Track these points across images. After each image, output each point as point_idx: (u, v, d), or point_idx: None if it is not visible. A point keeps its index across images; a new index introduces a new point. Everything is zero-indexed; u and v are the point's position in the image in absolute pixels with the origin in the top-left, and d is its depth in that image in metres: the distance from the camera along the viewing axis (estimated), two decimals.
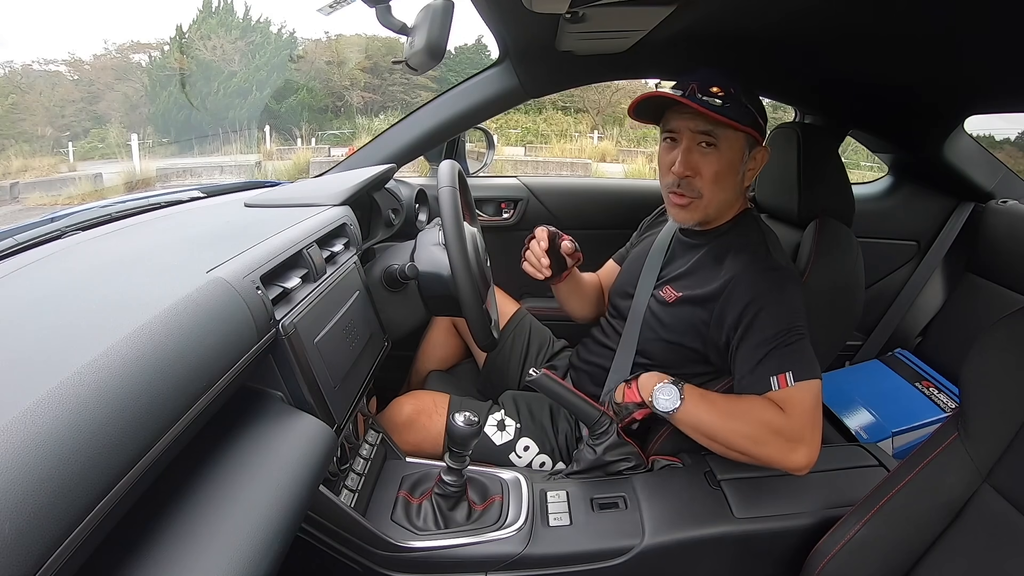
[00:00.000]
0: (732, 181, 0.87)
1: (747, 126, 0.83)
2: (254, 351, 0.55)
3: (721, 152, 0.84)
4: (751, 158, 0.87)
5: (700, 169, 0.85)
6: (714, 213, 0.90)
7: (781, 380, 0.77)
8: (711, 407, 0.80)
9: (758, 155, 0.88)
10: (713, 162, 0.84)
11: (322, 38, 15.92)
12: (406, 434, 0.97)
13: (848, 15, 0.81)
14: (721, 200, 0.88)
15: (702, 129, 0.83)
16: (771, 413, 0.76)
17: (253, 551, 0.45)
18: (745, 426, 0.77)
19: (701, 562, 0.80)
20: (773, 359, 0.79)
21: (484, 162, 1.66)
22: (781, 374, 0.77)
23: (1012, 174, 1.46)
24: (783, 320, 0.80)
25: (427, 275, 0.91)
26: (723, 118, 0.80)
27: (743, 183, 0.89)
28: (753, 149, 0.87)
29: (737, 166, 0.86)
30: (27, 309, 0.48)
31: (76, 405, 0.35)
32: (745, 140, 0.85)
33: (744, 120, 0.82)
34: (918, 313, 1.55)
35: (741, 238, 0.89)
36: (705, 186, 0.86)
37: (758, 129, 0.85)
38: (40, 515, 0.30)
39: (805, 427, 0.76)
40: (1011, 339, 0.66)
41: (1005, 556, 0.61)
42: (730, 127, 0.82)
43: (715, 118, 0.81)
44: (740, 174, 0.87)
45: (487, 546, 0.76)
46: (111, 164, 9.93)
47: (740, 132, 0.83)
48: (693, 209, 0.88)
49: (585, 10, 0.79)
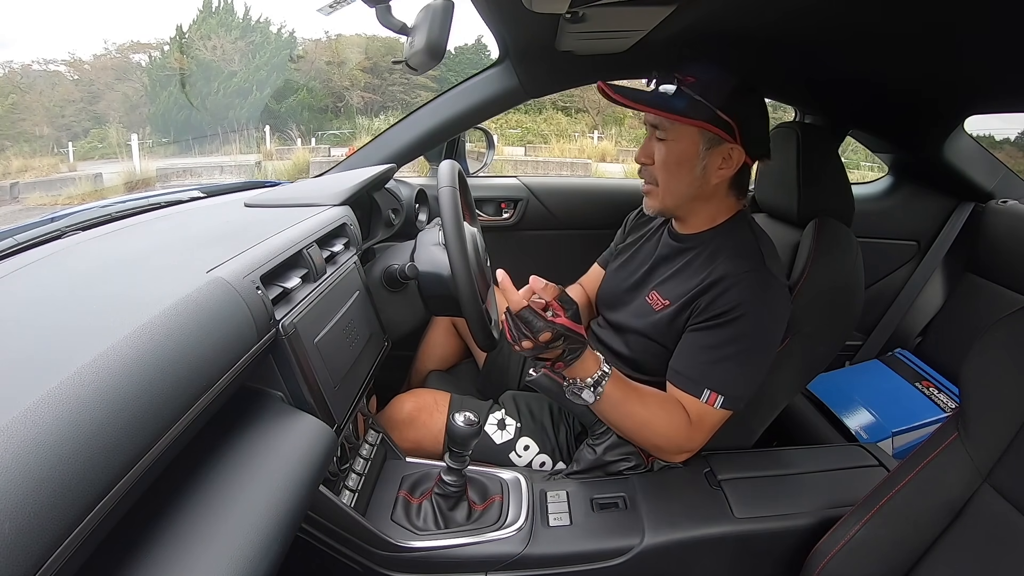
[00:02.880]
0: (686, 173, 0.85)
1: (696, 120, 0.80)
2: (254, 351, 0.55)
3: (670, 144, 0.84)
4: (714, 155, 0.83)
5: (654, 157, 0.86)
6: (674, 205, 0.89)
7: (712, 397, 0.79)
8: (622, 413, 0.80)
9: (732, 154, 0.83)
10: (663, 151, 0.85)
11: (322, 38, 15.95)
12: (407, 431, 0.97)
13: (848, 14, 0.81)
14: (678, 191, 0.87)
15: (652, 121, 0.85)
16: (680, 428, 0.80)
17: (253, 551, 0.45)
18: (649, 433, 0.81)
19: (701, 562, 0.80)
20: (720, 371, 0.80)
21: (484, 162, 1.66)
22: (715, 392, 0.79)
23: (1012, 174, 1.46)
24: (758, 334, 0.80)
25: (427, 275, 0.91)
26: (661, 113, 0.81)
27: (706, 179, 0.85)
28: (716, 145, 0.83)
29: (691, 159, 0.84)
30: (27, 309, 0.48)
31: (76, 405, 0.35)
32: (700, 135, 0.82)
33: (694, 114, 0.80)
34: (918, 313, 1.55)
35: (735, 242, 0.87)
36: (658, 174, 0.87)
37: (718, 125, 0.81)
38: (40, 515, 0.30)
39: (699, 442, 0.82)
40: (1011, 339, 0.66)
41: (1005, 556, 0.61)
42: (676, 121, 0.82)
43: (654, 112, 0.82)
44: (697, 168, 0.84)
45: (487, 546, 0.76)
46: (111, 164, 9.94)
47: (690, 126, 0.81)
48: (653, 197, 0.90)
49: (585, 10, 0.79)
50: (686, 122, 0.81)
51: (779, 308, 0.83)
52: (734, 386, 0.79)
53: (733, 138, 0.82)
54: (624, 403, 0.79)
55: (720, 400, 0.79)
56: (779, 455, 0.95)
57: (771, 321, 0.82)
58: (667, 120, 0.82)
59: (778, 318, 0.83)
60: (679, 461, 0.88)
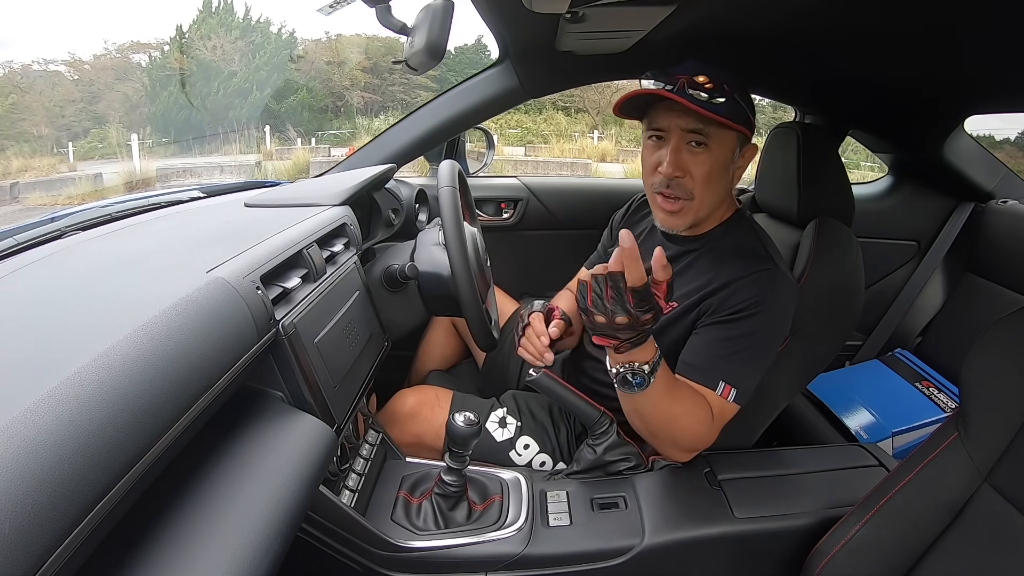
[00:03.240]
0: (723, 182, 0.83)
1: (739, 124, 0.79)
2: (254, 351, 0.55)
3: (712, 151, 0.79)
4: (740, 157, 0.84)
5: (690, 169, 0.80)
6: (704, 216, 0.86)
7: (726, 390, 0.78)
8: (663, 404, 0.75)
9: (747, 152, 0.85)
10: (704, 162, 0.80)
11: (322, 38, 15.94)
12: (409, 424, 0.97)
13: (848, 15, 0.81)
14: (711, 202, 0.84)
15: (692, 127, 0.79)
16: (704, 425, 0.77)
17: (253, 551, 0.45)
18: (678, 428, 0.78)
19: (701, 562, 0.80)
20: (733, 364, 0.79)
21: (484, 162, 1.66)
22: (728, 385, 0.78)
23: (1012, 174, 1.46)
24: (769, 330, 0.80)
25: (427, 275, 0.91)
26: (716, 116, 0.76)
27: (732, 183, 0.86)
28: (744, 146, 0.84)
29: (728, 166, 0.83)
30: (27, 309, 0.48)
31: (76, 405, 0.35)
32: (737, 139, 0.82)
33: (737, 118, 0.79)
34: (918, 313, 1.55)
35: (740, 242, 0.87)
36: (697, 187, 0.81)
37: (749, 127, 0.82)
38: (40, 515, 0.30)
39: (710, 440, 0.80)
40: (1011, 339, 0.66)
41: (1005, 556, 0.61)
42: (723, 125, 0.78)
43: (707, 115, 0.76)
44: (730, 173, 0.84)
45: (487, 546, 0.76)
46: (111, 164, 9.94)
47: (732, 131, 0.80)
48: (684, 214, 0.84)
49: (585, 10, 0.79)
50: (734, 127, 0.79)
51: (788, 304, 0.83)
52: (744, 380, 0.79)
53: (751, 136, 0.83)
54: (668, 395, 0.74)
55: (733, 393, 0.78)
56: (779, 455, 0.95)
57: (781, 317, 0.82)
58: (714, 126, 0.78)
59: (787, 315, 0.83)
60: (684, 460, 0.86)
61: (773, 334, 0.82)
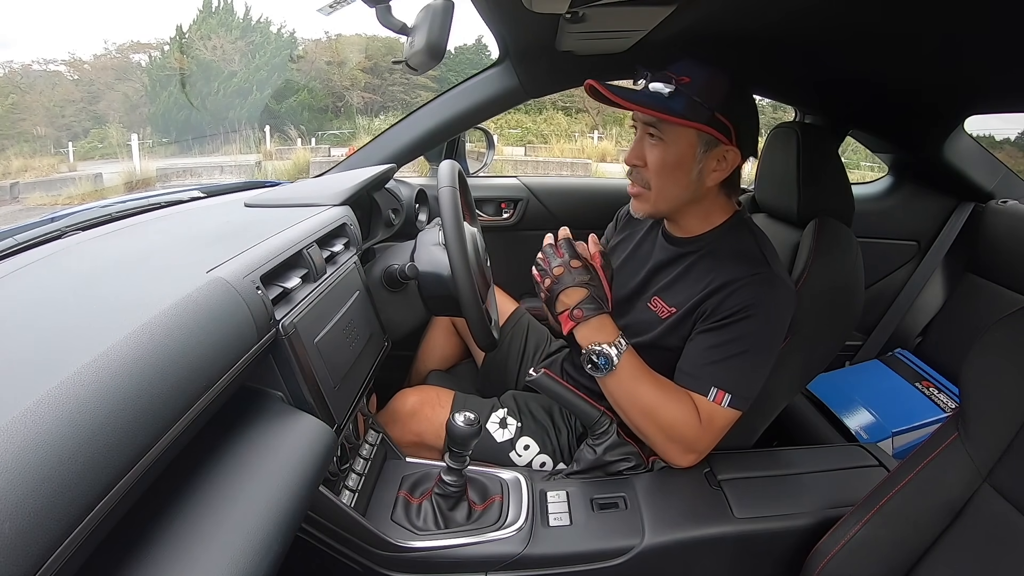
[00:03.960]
0: (682, 177, 0.83)
1: (695, 122, 0.79)
2: (254, 351, 0.55)
3: (667, 146, 0.81)
4: (710, 157, 0.82)
5: (647, 159, 0.83)
6: (667, 209, 0.87)
7: (719, 396, 0.79)
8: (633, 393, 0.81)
9: (727, 155, 0.82)
10: (658, 153, 0.82)
11: (322, 38, 15.95)
12: (410, 423, 0.97)
13: (848, 15, 0.81)
14: (672, 195, 0.84)
15: (646, 120, 0.82)
16: (690, 422, 0.80)
17: (253, 551, 0.45)
18: (658, 422, 0.81)
19: (701, 562, 0.80)
20: (726, 369, 0.80)
21: (484, 162, 1.67)
22: (722, 391, 0.79)
23: (1012, 174, 1.46)
24: (764, 334, 0.80)
25: (427, 275, 0.91)
26: (658, 114, 0.78)
27: (701, 182, 0.84)
28: (713, 147, 0.82)
29: (687, 162, 0.82)
30: (27, 309, 0.48)
31: (76, 405, 0.35)
32: (697, 136, 0.80)
33: (692, 116, 0.78)
34: (918, 313, 1.55)
35: (737, 245, 0.86)
36: (652, 177, 0.84)
37: (716, 127, 0.79)
38: (40, 515, 0.30)
39: (707, 443, 0.82)
40: (1011, 339, 0.66)
41: (1005, 556, 0.61)
42: (675, 123, 0.79)
43: (650, 114, 0.79)
44: (693, 171, 0.83)
45: (487, 546, 0.76)
46: (111, 164, 9.94)
47: (688, 128, 0.79)
48: (643, 200, 0.87)
49: (585, 10, 0.79)
50: (685, 124, 0.79)
51: (785, 308, 0.83)
52: (740, 385, 0.80)
53: (729, 140, 0.81)
54: (637, 381, 0.80)
55: (727, 399, 0.79)
56: (779, 455, 0.95)
57: (777, 321, 0.82)
58: (664, 122, 0.80)
59: (784, 318, 0.83)
60: (684, 464, 0.85)
61: (769, 338, 0.81)
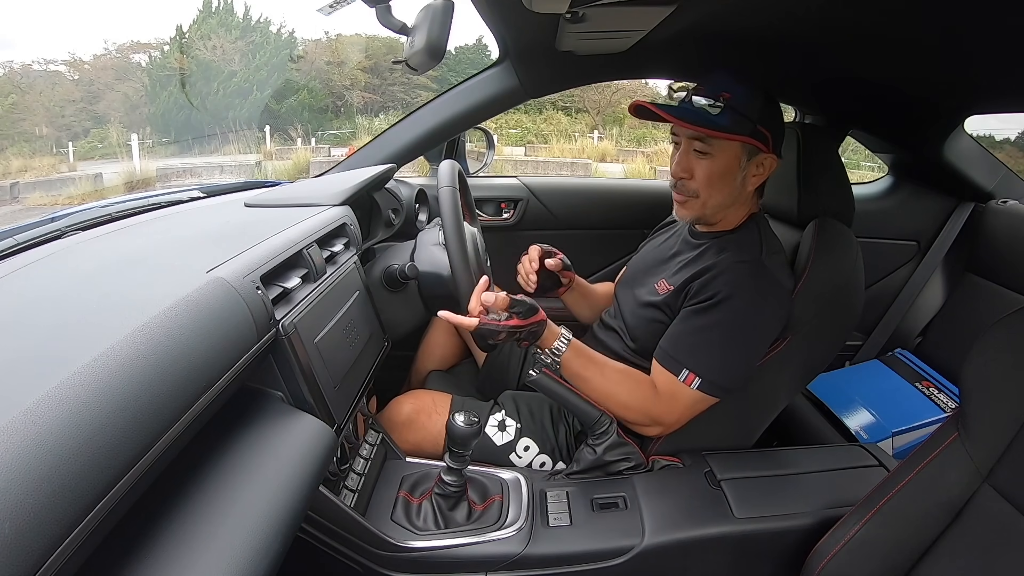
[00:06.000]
0: (728, 185, 0.88)
1: (741, 135, 0.84)
2: (254, 351, 0.55)
3: (714, 159, 0.86)
4: (752, 164, 0.88)
5: (694, 172, 0.88)
6: (711, 213, 0.91)
7: (689, 377, 0.83)
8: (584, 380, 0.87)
9: (765, 162, 0.89)
10: (705, 167, 0.87)
11: (322, 38, 15.93)
12: (406, 433, 0.97)
13: (849, 16, 0.81)
14: (718, 202, 0.90)
15: (694, 136, 0.86)
16: (644, 397, 0.86)
17: (253, 551, 0.46)
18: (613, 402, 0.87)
19: (701, 562, 0.80)
20: (700, 353, 0.83)
21: (484, 162, 1.66)
22: (692, 373, 0.83)
23: (1012, 174, 1.46)
24: (741, 322, 0.83)
25: (427, 275, 0.91)
26: (709, 131, 0.83)
27: (744, 187, 0.90)
28: (754, 156, 0.87)
29: (733, 172, 0.88)
30: (27, 309, 0.48)
31: (76, 405, 0.35)
32: (742, 148, 0.86)
33: (739, 130, 0.83)
34: (918, 313, 1.55)
35: (742, 238, 0.91)
36: (700, 188, 0.88)
37: (758, 138, 0.85)
38: (40, 515, 0.30)
39: (674, 417, 0.87)
40: (1011, 339, 0.66)
41: (1005, 556, 0.61)
42: (723, 138, 0.84)
43: (701, 131, 0.83)
44: (738, 179, 0.88)
45: (487, 546, 0.76)
46: (111, 164, 9.93)
47: (734, 141, 0.85)
48: (689, 207, 0.91)
49: (585, 10, 0.79)
50: (733, 138, 0.84)
51: (768, 301, 0.85)
52: (712, 371, 0.82)
53: (767, 148, 0.86)
54: (584, 370, 0.87)
55: (697, 382, 0.82)
56: (779, 455, 0.95)
57: (756, 312, 0.84)
58: (713, 137, 0.84)
59: (765, 310, 0.85)
60: (654, 434, 0.90)
61: (747, 327, 0.84)
